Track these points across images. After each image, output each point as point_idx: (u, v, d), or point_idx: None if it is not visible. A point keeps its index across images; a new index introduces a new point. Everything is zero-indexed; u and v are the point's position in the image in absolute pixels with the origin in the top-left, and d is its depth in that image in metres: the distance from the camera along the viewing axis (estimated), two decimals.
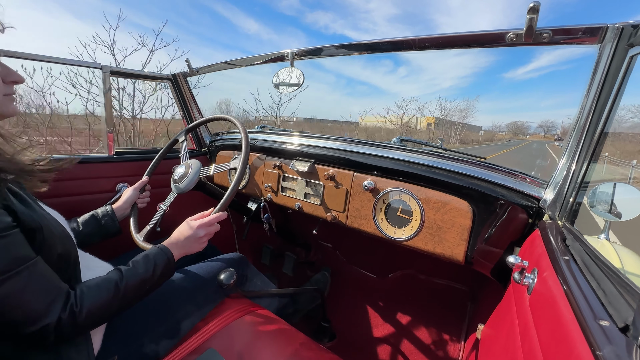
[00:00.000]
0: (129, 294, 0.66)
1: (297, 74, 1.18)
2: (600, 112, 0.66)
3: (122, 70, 1.41)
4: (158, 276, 0.72)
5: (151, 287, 0.72)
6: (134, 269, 0.70)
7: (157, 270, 0.72)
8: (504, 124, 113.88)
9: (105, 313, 0.62)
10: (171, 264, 0.77)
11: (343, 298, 1.61)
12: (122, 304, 0.65)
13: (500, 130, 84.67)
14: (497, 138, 63.52)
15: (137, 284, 0.68)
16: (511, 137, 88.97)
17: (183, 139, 1.21)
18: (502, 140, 66.60)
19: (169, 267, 0.76)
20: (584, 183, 0.70)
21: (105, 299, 0.61)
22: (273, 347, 0.77)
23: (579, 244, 0.56)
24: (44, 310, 0.53)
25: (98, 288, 0.62)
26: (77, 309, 0.57)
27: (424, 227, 0.88)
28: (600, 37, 0.64)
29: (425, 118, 38.87)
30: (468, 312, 1.36)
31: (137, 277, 0.68)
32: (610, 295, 0.40)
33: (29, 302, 0.52)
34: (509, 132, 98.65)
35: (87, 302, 0.59)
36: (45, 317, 0.53)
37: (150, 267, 0.72)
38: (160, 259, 0.75)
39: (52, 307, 0.54)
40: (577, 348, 0.33)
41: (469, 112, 20.49)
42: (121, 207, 1.03)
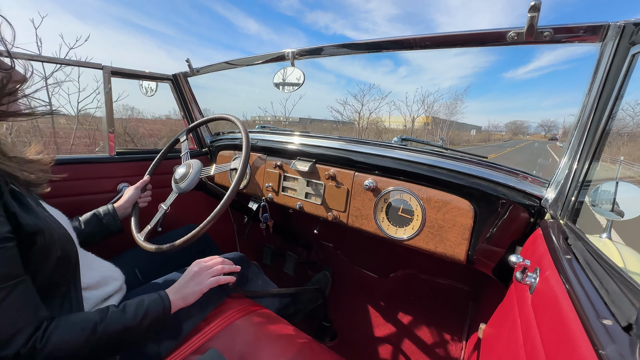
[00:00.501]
0: (105, 339, 0.60)
1: (298, 74, 1.18)
2: (602, 111, 0.66)
3: (123, 71, 1.41)
4: (145, 326, 0.66)
5: (134, 338, 0.65)
6: (120, 313, 0.64)
7: (146, 319, 0.66)
8: (503, 123, 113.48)
9: (71, 355, 0.56)
10: (165, 315, 0.70)
11: (344, 298, 1.61)
12: (94, 348, 0.58)
13: (497, 129, 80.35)
14: (494, 138, 59.45)
15: (119, 330, 0.62)
16: (510, 136, 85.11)
17: (184, 139, 1.21)
18: (500, 140, 62.93)
19: (162, 318, 0.69)
20: (585, 182, 0.70)
21: (77, 339, 0.57)
22: (275, 347, 0.77)
23: (581, 243, 0.56)
24: (5, 340, 0.50)
25: (73, 325, 0.58)
26: (39, 346, 0.53)
27: (425, 226, 0.88)
28: (601, 35, 0.64)
29: (422, 117, 38.58)
30: (470, 312, 1.36)
31: (120, 322, 0.63)
32: (613, 294, 0.40)
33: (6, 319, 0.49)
34: (508, 132, 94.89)
35: (55, 338, 0.54)
36: (5, 348, 0.49)
37: (140, 314, 0.66)
38: (155, 307, 0.69)
39: (15, 338, 0.51)
40: (580, 347, 0.33)
41: (456, 108, 17.98)
42: (122, 206, 1.03)
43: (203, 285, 0.78)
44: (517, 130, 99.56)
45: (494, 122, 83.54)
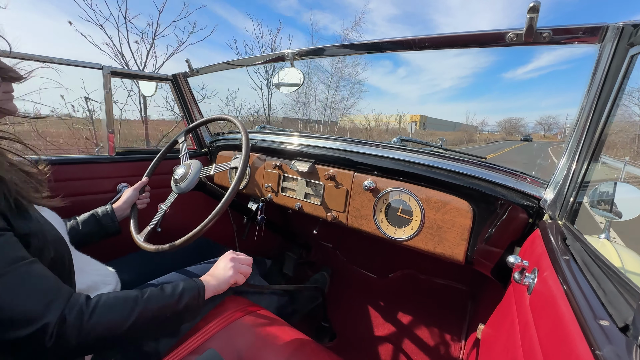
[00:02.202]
0: (145, 315, 0.60)
1: (298, 74, 1.18)
2: (601, 112, 0.66)
3: (123, 71, 1.42)
4: (182, 307, 0.66)
5: (172, 316, 0.64)
6: (159, 290, 0.65)
7: (182, 299, 0.66)
8: (496, 121, 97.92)
9: (114, 329, 0.55)
10: (200, 298, 0.70)
11: (343, 298, 1.61)
12: (134, 324, 0.57)
13: (484, 128, 67.19)
14: (477, 138, 45.45)
15: (158, 307, 0.62)
16: (503, 136, 74.16)
17: (183, 140, 1.21)
18: (492, 141, 51.17)
19: (196, 300, 0.70)
20: (584, 183, 0.70)
21: (119, 311, 0.56)
22: (273, 347, 0.77)
23: (579, 244, 0.56)
24: (40, 310, 0.48)
25: (115, 299, 0.58)
26: (87, 310, 0.53)
27: (424, 227, 0.88)
28: (600, 36, 0.64)
29: (410, 116, 37.00)
30: (468, 312, 1.36)
31: (160, 299, 0.63)
32: (610, 294, 0.40)
33: (23, 301, 0.48)
34: (501, 131, 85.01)
35: (100, 310, 0.54)
36: (42, 317, 0.48)
37: (177, 294, 0.66)
38: (190, 288, 0.70)
39: (51, 307, 0.50)
40: (577, 348, 0.33)
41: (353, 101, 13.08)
42: (121, 207, 1.03)
43: (237, 278, 0.81)
44: (512, 129, 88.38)
45: (479, 118, 69.54)
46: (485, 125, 54.94)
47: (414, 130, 13.98)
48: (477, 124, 55.88)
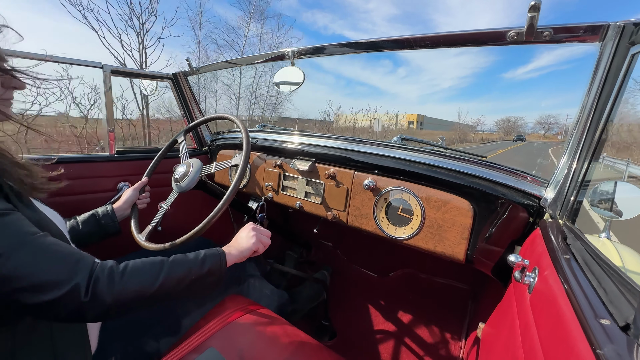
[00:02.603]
0: (171, 277, 0.61)
1: (298, 73, 1.18)
2: (602, 111, 0.66)
3: (123, 70, 1.41)
4: (206, 271, 0.67)
5: (196, 279, 0.65)
6: (182, 256, 0.67)
7: (205, 264, 0.68)
8: (494, 120, 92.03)
9: (144, 290, 0.57)
10: (222, 263, 0.71)
11: (344, 297, 1.61)
12: (163, 284, 0.60)
13: (478, 127, 58.29)
14: (472, 138, 39.82)
15: (183, 270, 0.64)
16: (501, 136, 69.86)
17: (182, 139, 1.21)
18: (487, 140, 46.15)
19: (218, 264, 0.70)
20: (584, 182, 0.70)
21: (148, 272, 0.59)
22: (273, 346, 0.78)
23: (579, 243, 0.56)
24: (69, 271, 0.50)
25: (142, 263, 0.60)
26: (117, 271, 0.55)
27: (424, 226, 0.88)
28: (601, 35, 0.64)
29: (407, 115, 35.83)
30: (469, 311, 1.37)
31: (184, 263, 0.65)
32: (611, 294, 0.40)
33: (51, 265, 0.49)
34: (500, 130, 79.94)
35: (130, 271, 0.57)
36: (73, 277, 0.50)
37: (200, 258, 0.68)
38: (211, 253, 0.71)
39: (78, 268, 0.51)
40: (578, 347, 0.33)
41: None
42: (121, 207, 1.03)
43: (258, 247, 0.81)
44: (510, 129, 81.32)
45: (473, 116, 58.51)
46: (479, 124, 48.76)
47: (380, 129, 13.35)
48: (472, 122, 50.03)
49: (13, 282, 0.45)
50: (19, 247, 0.47)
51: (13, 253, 0.46)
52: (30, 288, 0.46)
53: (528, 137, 76.66)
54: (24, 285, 0.46)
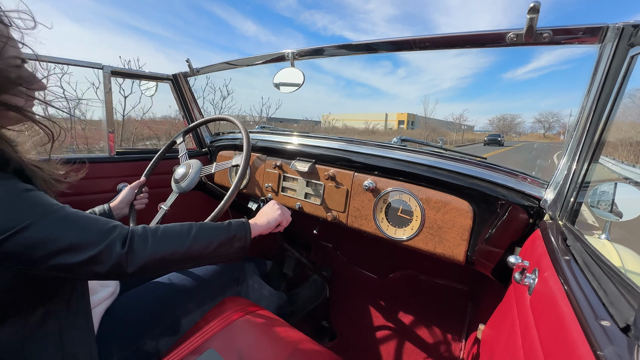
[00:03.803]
0: (202, 237, 0.65)
1: (298, 74, 1.18)
2: (601, 112, 0.66)
3: (123, 71, 1.42)
4: (232, 233, 0.71)
5: (224, 241, 0.69)
6: (210, 222, 0.72)
7: (231, 226, 0.72)
8: (487, 118, 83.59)
9: (176, 250, 0.61)
10: (247, 231, 0.74)
11: (344, 298, 1.61)
12: (193, 245, 0.63)
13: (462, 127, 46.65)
14: (454, 139, 34.42)
15: (210, 232, 0.68)
16: (474, 138, 56.57)
17: (181, 141, 1.21)
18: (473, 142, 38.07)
19: (244, 231, 0.74)
20: (584, 183, 0.70)
21: (179, 234, 0.63)
22: (273, 347, 0.77)
23: (579, 244, 0.56)
24: (104, 230, 0.53)
25: (172, 226, 0.65)
26: (150, 232, 0.60)
27: (424, 227, 0.88)
28: (600, 37, 0.64)
29: (397, 115, 34.58)
30: (469, 312, 1.36)
31: (211, 226, 0.70)
32: (611, 295, 0.40)
33: (85, 226, 0.52)
34: (495, 129, 73.05)
35: (163, 231, 0.61)
36: (109, 234, 0.53)
37: (225, 224, 0.72)
38: (237, 221, 0.75)
39: (112, 226, 0.55)
40: (578, 348, 0.33)
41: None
42: (118, 206, 1.02)
43: (282, 219, 0.88)
44: (506, 128, 74.33)
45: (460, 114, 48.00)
46: (461, 121, 39.06)
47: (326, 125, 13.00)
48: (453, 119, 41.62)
49: (48, 246, 0.47)
50: (51, 213, 0.49)
51: (45, 218, 0.48)
52: (69, 248, 0.49)
53: (526, 137, 71.28)
54: (63, 247, 0.48)
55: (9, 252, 0.45)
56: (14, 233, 0.45)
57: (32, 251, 0.46)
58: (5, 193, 0.47)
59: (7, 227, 0.44)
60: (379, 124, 17.79)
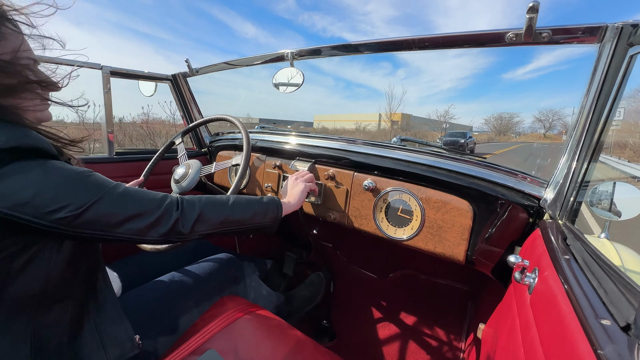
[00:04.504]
0: (240, 205, 0.74)
1: (297, 74, 1.18)
2: (600, 112, 0.66)
3: (122, 71, 1.41)
4: (265, 205, 0.79)
5: (258, 211, 0.77)
6: (245, 196, 0.79)
7: (264, 199, 0.80)
8: (483, 117, 75.73)
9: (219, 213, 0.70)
10: (277, 203, 0.82)
11: (344, 298, 1.61)
12: (232, 212, 0.72)
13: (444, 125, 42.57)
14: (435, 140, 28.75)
15: (246, 202, 0.76)
16: (491, 137, 58.33)
17: (180, 141, 1.21)
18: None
19: (275, 203, 0.81)
20: (584, 182, 0.70)
21: (219, 203, 0.71)
22: (274, 348, 0.77)
23: (579, 243, 0.56)
24: (160, 198, 0.63)
25: (212, 197, 0.72)
26: (195, 199, 0.68)
27: (424, 226, 0.88)
28: (599, 36, 0.64)
29: (390, 115, 33.64)
30: (469, 312, 1.36)
31: (246, 198, 0.78)
32: (611, 294, 0.40)
33: (144, 195, 0.61)
34: (492, 130, 67.95)
35: (205, 200, 0.70)
36: (164, 200, 0.63)
37: (259, 197, 0.81)
38: (268, 196, 0.83)
39: (164, 195, 0.64)
40: (579, 347, 0.33)
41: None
42: None
43: (308, 188, 0.98)
44: (503, 128, 68.61)
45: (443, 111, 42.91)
46: (451, 117, 38.03)
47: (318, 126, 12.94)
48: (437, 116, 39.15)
49: (120, 213, 0.56)
50: (115, 188, 0.57)
51: (112, 193, 0.56)
52: (137, 215, 0.58)
53: (525, 137, 66.76)
54: (131, 214, 0.57)
55: (90, 220, 0.53)
56: (92, 203, 0.53)
57: (108, 218, 0.55)
58: (77, 174, 0.54)
59: (86, 200, 0.53)
60: (371, 124, 17.69)
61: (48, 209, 0.49)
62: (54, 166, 0.53)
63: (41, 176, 0.50)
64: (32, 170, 0.50)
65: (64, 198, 0.51)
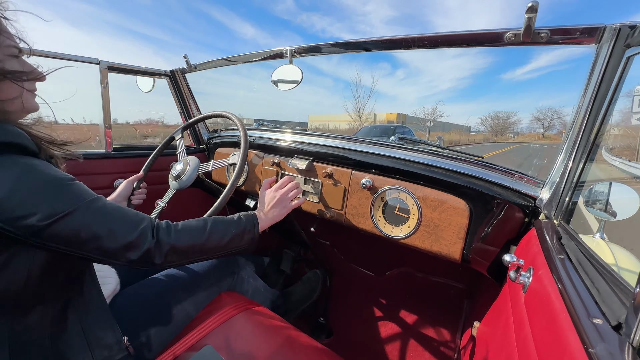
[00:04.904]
0: (217, 231, 0.70)
1: (296, 71, 1.18)
2: (597, 112, 0.67)
3: (120, 66, 1.40)
4: (242, 225, 0.76)
5: (235, 235, 0.73)
6: (221, 217, 0.75)
7: (242, 220, 0.77)
8: (479, 117, 73.12)
9: (196, 242, 0.66)
10: (256, 223, 0.79)
11: (341, 295, 1.62)
12: (210, 238, 0.68)
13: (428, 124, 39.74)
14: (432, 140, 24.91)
15: (224, 226, 0.72)
16: (487, 137, 56.60)
17: (180, 136, 1.20)
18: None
19: (254, 224, 0.78)
20: (580, 182, 0.70)
21: (197, 229, 0.68)
22: (270, 344, 0.78)
23: (574, 243, 0.57)
24: (136, 220, 0.59)
25: (189, 221, 0.69)
26: (172, 225, 0.65)
27: (421, 225, 0.89)
28: (597, 37, 0.64)
29: (386, 114, 33.79)
30: (464, 310, 1.38)
31: (223, 220, 0.74)
32: (603, 293, 0.40)
33: (121, 215, 0.57)
34: (489, 130, 65.77)
35: (182, 227, 0.66)
36: (140, 224, 0.58)
37: (236, 216, 0.77)
38: (245, 214, 0.80)
39: (142, 218, 0.60)
40: (571, 345, 0.33)
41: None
42: (115, 199, 1.02)
43: (288, 208, 0.92)
44: (500, 128, 65.68)
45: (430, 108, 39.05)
46: (439, 115, 36.02)
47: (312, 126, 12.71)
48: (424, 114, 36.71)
49: (91, 230, 0.52)
50: (92, 202, 0.54)
51: (88, 206, 0.53)
52: (109, 233, 0.54)
53: (523, 137, 64.16)
54: (103, 233, 0.53)
55: (58, 234, 0.49)
56: (63, 216, 0.48)
57: (77, 234, 0.50)
58: (55, 180, 0.50)
59: (58, 211, 0.48)
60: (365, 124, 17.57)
61: (15, 214, 0.45)
62: (32, 167, 0.48)
63: (14, 176, 0.46)
64: (5, 168, 0.46)
65: (35, 204, 0.46)
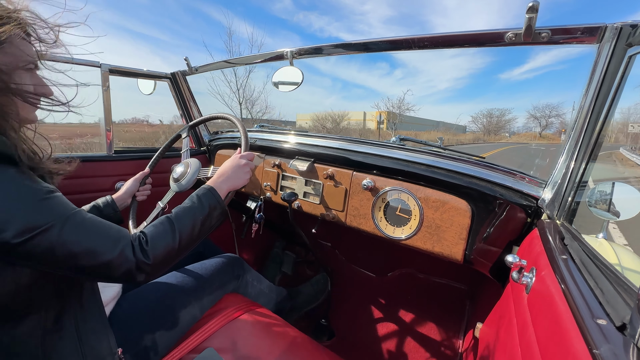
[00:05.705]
0: (186, 227, 0.66)
1: (297, 73, 1.18)
2: (599, 112, 0.66)
3: (121, 69, 1.41)
4: (207, 207, 0.71)
5: (204, 219, 0.70)
6: (181, 207, 0.70)
7: (202, 200, 0.72)
8: (470, 115, 67.17)
9: (170, 248, 0.63)
10: (215, 194, 0.75)
11: (342, 297, 1.61)
12: (182, 238, 0.65)
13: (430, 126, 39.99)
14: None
15: (190, 217, 0.68)
16: (478, 137, 49.17)
17: (186, 135, 1.20)
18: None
19: (214, 196, 0.74)
20: (582, 182, 0.70)
21: (166, 235, 0.63)
22: (271, 346, 0.77)
23: (577, 243, 0.56)
24: (115, 237, 0.55)
25: (155, 227, 0.64)
26: (143, 239, 0.60)
27: (422, 226, 0.88)
28: (599, 36, 0.64)
29: (375, 113, 33.08)
30: (467, 311, 1.37)
31: (187, 210, 0.69)
32: (607, 294, 0.40)
33: (99, 231, 0.54)
34: (482, 129, 60.74)
35: (152, 238, 0.61)
36: (120, 241, 0.55)
37: (195, 200, 0.72)
38: (202, 191, 0.75)
39: (121, 234, 0.56)
40: (575, 346, 0.33)
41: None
42: (121, 197, 1.02)
43: (246, 177, 0.85)
44: (494, 128, 60.29)
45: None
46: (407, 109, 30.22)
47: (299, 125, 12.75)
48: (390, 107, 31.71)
49: (68, 248, 0.48)
50: (70, 217, 0.50)
51: (65, 222, 0.49)
52: (87, 252, 0.50)
53: (517, 137, 59.92)
54: (81, 251, 0.50)
55: (31, 252, 0.45)
56: (37, 234, 0.45)
57: (52, 252, 0.47)
58: (33, 192, 0.47)
59: (31, 227, 0.45)
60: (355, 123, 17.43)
61: None
62: (9, 177, 0.46)
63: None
64: None
65: (6, 220, 0.43)
